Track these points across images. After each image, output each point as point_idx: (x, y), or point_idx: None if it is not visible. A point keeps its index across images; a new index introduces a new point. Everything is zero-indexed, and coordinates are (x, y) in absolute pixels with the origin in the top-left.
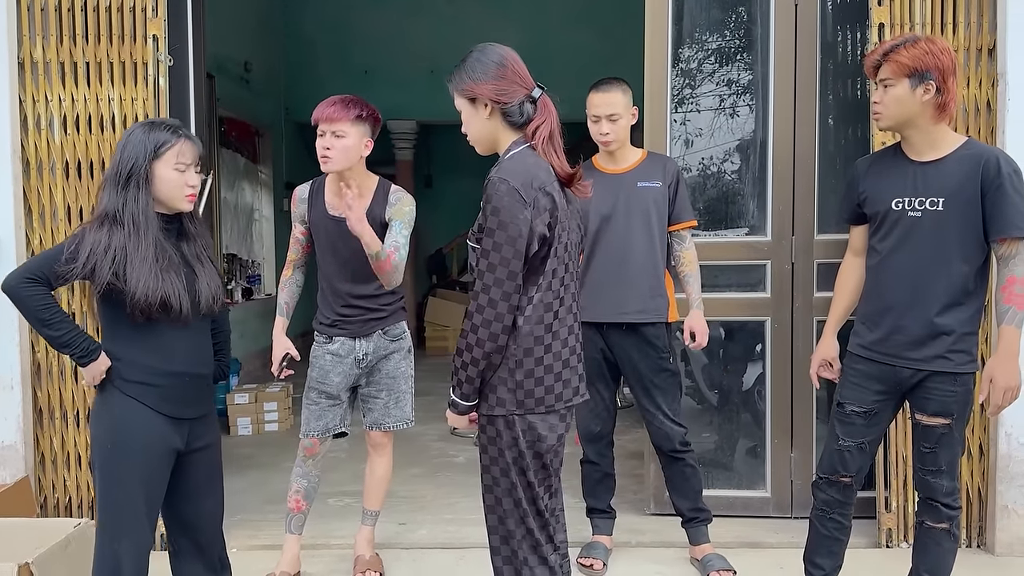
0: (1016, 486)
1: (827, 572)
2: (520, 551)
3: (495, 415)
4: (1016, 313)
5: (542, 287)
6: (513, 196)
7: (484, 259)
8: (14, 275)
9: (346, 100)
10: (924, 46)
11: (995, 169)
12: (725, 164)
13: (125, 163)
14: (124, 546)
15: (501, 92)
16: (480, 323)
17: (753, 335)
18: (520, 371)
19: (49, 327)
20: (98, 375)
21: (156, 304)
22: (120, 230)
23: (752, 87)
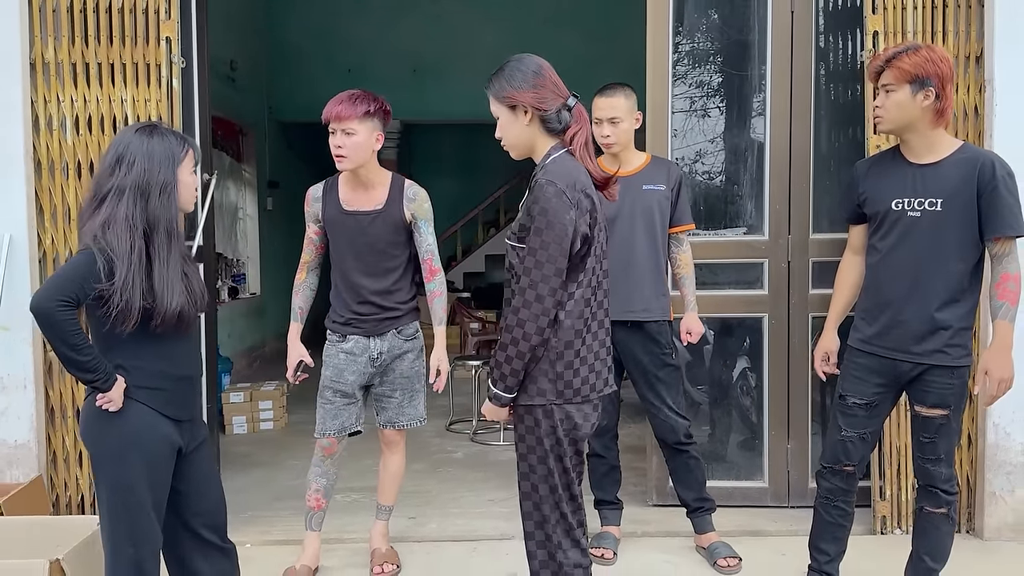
0: (1003, 474)
1: (831, 558)
2: (554, 535)
3: (534, 405)
4: (1009, 309)
5: (582, 284)
6: (560, 198)
7: (531, 256)
8: (46, 296)
9: (354, 97)
10: (925, 54)
11: (990, 172)
12: (724, 166)
13: (155, 172)
14: (144, 551)
15: (541, 100)
16: (528, 317)
17: (751, 331)
18: (560, 363)
19: (77, 352)
20: (120, 396)
21: (177, 315)
22: (145, 241)
23: (750, 90)
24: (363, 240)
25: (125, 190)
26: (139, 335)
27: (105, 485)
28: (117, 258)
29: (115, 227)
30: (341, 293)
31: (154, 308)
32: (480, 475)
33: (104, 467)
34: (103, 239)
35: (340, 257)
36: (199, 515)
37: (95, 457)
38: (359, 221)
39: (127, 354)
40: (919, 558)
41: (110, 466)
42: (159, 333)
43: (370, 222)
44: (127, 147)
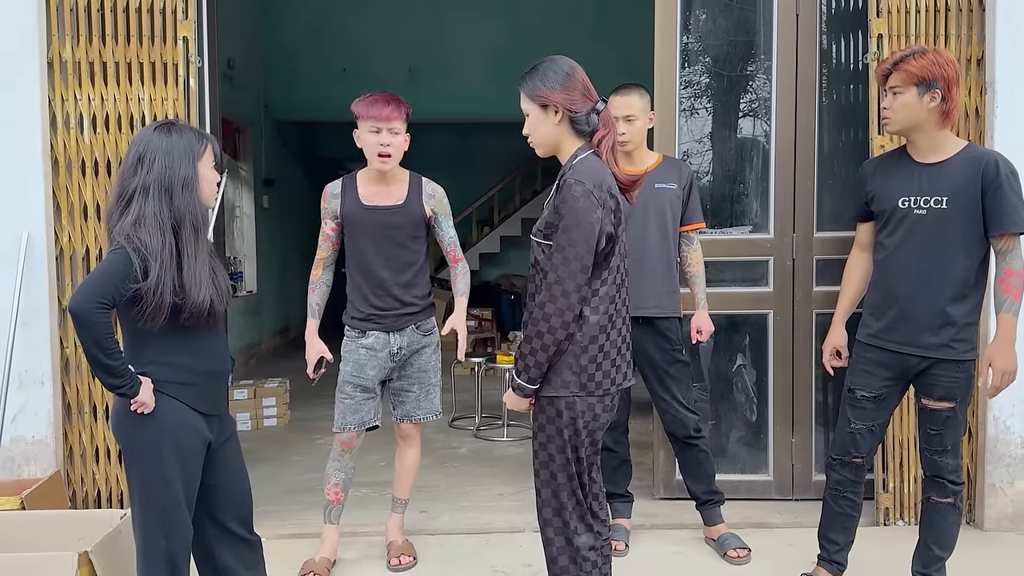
0: (1003, 466)
1: (841, 547)
2: (571, 521)
3: (558, 396)
4: (1013, 303)
5: (607, 281)
6: (588, 197)
7: (559, 253)
8: (85, 297)
9: (394, 98)
10: (932, 57)
11: (994, 170)
12: (730, 165)
13: (176, 168)
14: (176, 544)
15: (572, 101)
16: (554, 312)
17: (756, 327)
18: (585, 356)
19: (109, 356)
20: (151, 396)
21: (207, 308)
22: (174, 237)
23: (755, 92)
24: (384, 234)
25: (150, 188)
26: (170, 331)
27: (138, 479)
28: (151, 256)
29: (146, 225)
30: (361, 288)
31: (184, 303)
32: (486, 470)
33: (137, 462)
34: (136, 238)
35: (360, 252)
36: (227, 508)
37: (127, 452)
38: (380, 215)
39: (158, 350)
40: (926, 547)
41: (143, 461)
42: (189, 328)
43: (391, 216)
44: (147, 145)
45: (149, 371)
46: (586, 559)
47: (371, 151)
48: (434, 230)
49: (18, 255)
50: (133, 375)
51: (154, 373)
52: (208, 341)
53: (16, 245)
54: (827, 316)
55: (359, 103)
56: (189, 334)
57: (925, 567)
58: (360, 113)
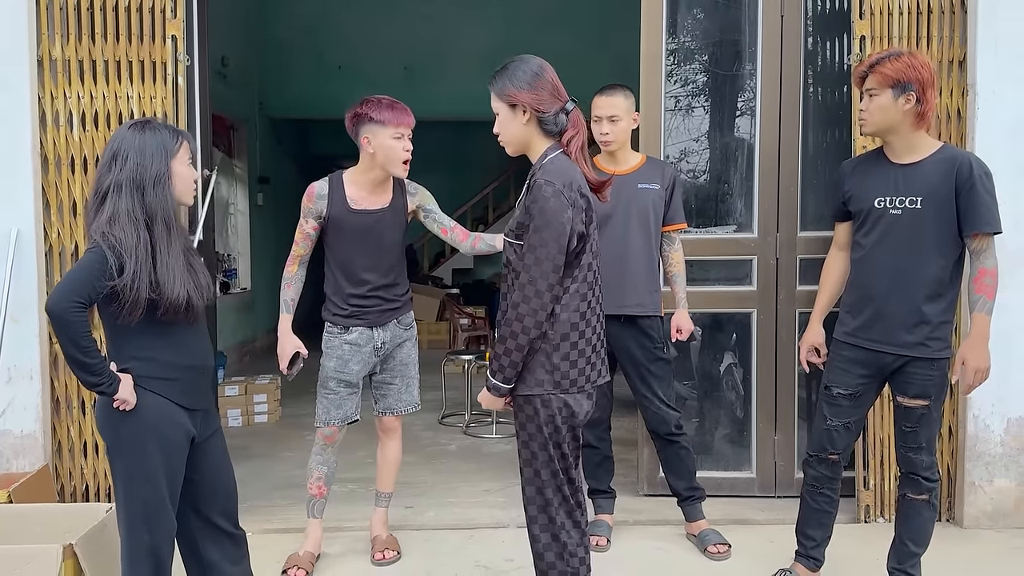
0: (982, 464)
1: (817, 543)
2: (557, 516)
3: (533, 395)
4: (986, 302)
5: (577, 279)
6: (558, 197)
7: (530, 253)
8: (62, 297)
9: (403, 105)
10: (907, 60)
11: (968, 171)
12: (715, 165)
13: (147, 165)
14: (159, 538)
15: (540, 101)
16: (526, 312)
17: (740, 326)
18: (557, 354)
19: (87, 354)
20: (132, 392)
21: (183, 304)
22: (148, 234)
23: (740, 93)
24: (371, 237)
25: (122, 185)
26: (150, 327)
27: (122, 474)
28: (126, 252)
29: (120, 222)
30: (343, 288)
31: (159, 298)
32: (474, 466)
33: (121, 456)
34: (111, 235)
35: (345, 253)
36: (211, 503)
37: (112, 447)
38: (367, 219)
39: (140, 346)
40: (902, 543)
41: (127, 455)
42: (169, 324)
43: (377, 219)
44: (121, 143)
45: (131, 367)
46: (573, 554)
47: (393, 156)
48: (427, 220)
49: (7, 251)
50: (111, 373)
51: (136, 369)
52: (189, 336)
53: (6, 241)
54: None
55: (379, 109)
56: (170, 330)
57: (900, 563)
58: (385, 119)
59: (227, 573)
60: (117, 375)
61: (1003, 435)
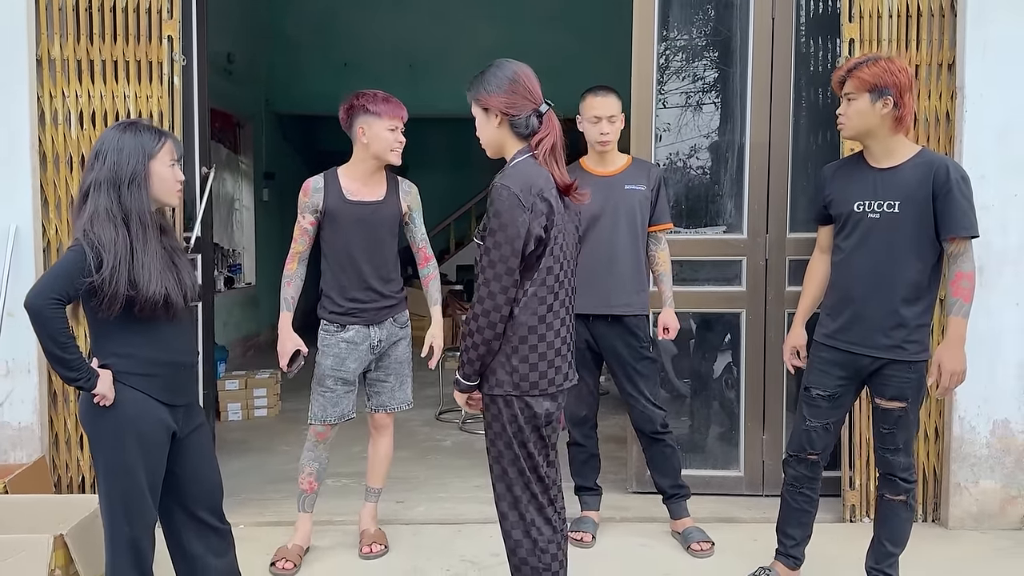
0: (968, 466)
1: (797, 542)
2: (527, 514)
3: (495, 395)
4: (963, 305)
5: (536, 282)
6: (513, 201)
7: (486, 256)
8: (39, 294)
9: (395, 98)
10: (884, 65)
11: (944, 175)
12: (704, 165)
13: (123, 165)
14: (138, 530)
15: (510, 105)
16: (481, 312)
17: (729, 326)
18: (516, 356)
19: (64, 350)
20: (110, 387)
21: (160, 301)
22: (126, 232)
23: (730, 93)
24: (366, 228)
25: (101, 184)
26: (131, 323)
27: (102, 467)
28: (104, 250)
29: (99, 220)
30: (341, 282)
31: (136, 295)
32: (467, 462)
33: (101, 450)
34: (92, 232)
35: (342, 246)
36: (196, 497)
37: (93, 440)
38: (363, 210)
39: (120, 342)
40: (879, 543)
41: (107, 449)
42: (149, 321)
43: (373, 211)
44: (103, 143)
45: (111, 363)
46: (544, 551)
47: (385, 146)
48: (407, 227)
49: (6, 247)
50: (89, 369)
51: (116, 365)
52: (170, 333)
53: (4, 237)
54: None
55: (375, 101)
56: (150, 326)
57: (878, 563)
58: (379, 111)
59: (211, 566)
60: (95, 371)
61: (989, 437)
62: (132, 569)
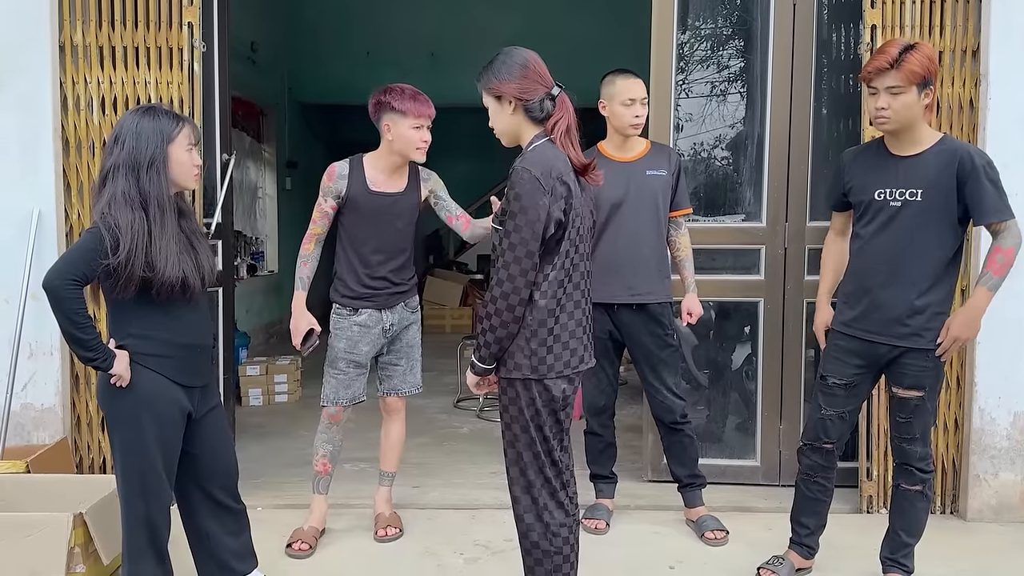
0: (987, 457)
1: (811, 531)
2: (540, 498)
3: (513, 378)
4: (991, 277)
5: (556, 266)
6: (534, 184)
7: (506, 239)
8: (56, 274)
9: (423, 95)
10: (925, 51)
11: (970, 164)
12: (724, 153)
13: (142, 149)
14: (153, 508)
15: (523, 91)
16: (500, 295)
17: (747, 315)
18: (535, 340)
19: (81, 330)
20: (127, 368)
21: (178, 284)
22: (143, 215)
23: (751, 81)
24: (386, 219)
25: (119, 167)
26: (148, 305)
27: (119, 446)
28: (121, 232)
29: (116, 203)
30: (355, 268)
31: (153, 277)
32: (484, 449)
33: (118, 429)
34: (110, 215)
35: (359, 234)
36: (212, 477)
37: (110, 420)
38: (384, 201)
39: (138, 324)
40: (895, 533)
41: (123, 429)
42: (167, 303)
43: (394, 203)
44: (121, 127)
45: (128, 344)
46: (556, 535)
47: (410, 144)
48: (437, 206)
49: (30, 231)
50: (106, 349)
51: (133, 346)
52: (188, 316)
53: (28, 221)
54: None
55: (402, 99)
56: (168, 309)
57: (893, 553)
58: (407, 109)
59: (226, 545)
60: (112, 351)
61: (1009, 428)
62: (148, 547)
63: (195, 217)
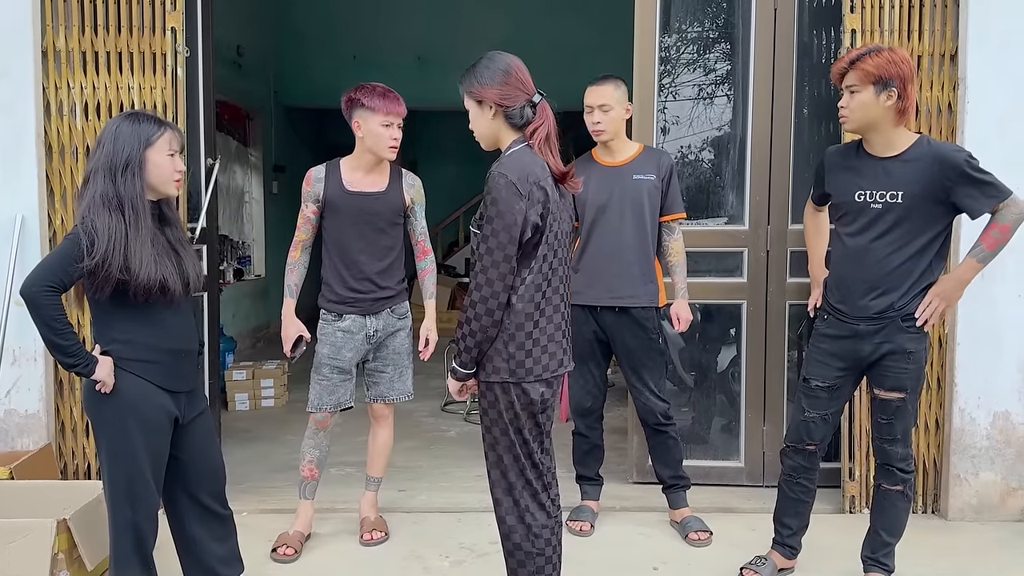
0: (968, 457)
1: (794, 531)
2: (521, 500)
3: (492, 382)
4: (983, 250)
5: (533, 270)
6: (510, 189)
7: (484, 244)
8: (33, 282)
9: (394, 93)
10: (887, 56)
11: (951, 163)
12: (707, 157)
13: (119, 152)
14: (140, 514)
15: (504, 96)
16: (478, 300)
17: (730, 317)
18: (512, 344)
19: (60, 336)
20: (110, 374)
21: (156, 287)
22: (120, 217)
23: (733, 86)
24: (365, 219)
25: (99, 170)
26: (130, 310)
27: (105, 452)
28: (98, 234)
29: (95, 205)
30: (340, 272)
31: (128, 279)
32: (470, 453)
33: (104, 435)
34: (89, 218)
35: (341, 236)
36: (198, 482)
37: (95, 426)
38: (363, 200)
39: (121, 329)
40: (876, 532)
41: (109, 434)
42: (149, 308)
43: (373, 202)
44: (104, 131)
45: (112, 349)
46: (538, 536)
47: (381, 143)
48: (408, 219)
49: (13, 236)
50: (87, 355)
51: (117, 352)
52: (171, 320)
53: (11, 227)
54: (800, 307)
55: (372, 96)
56: (150, 313)
57: (874, 552)
58: (375, 106)
59: (212, 550)
60: (94, 357)
61: (989, 428)
62: (133, 553)
63: (181, 225)
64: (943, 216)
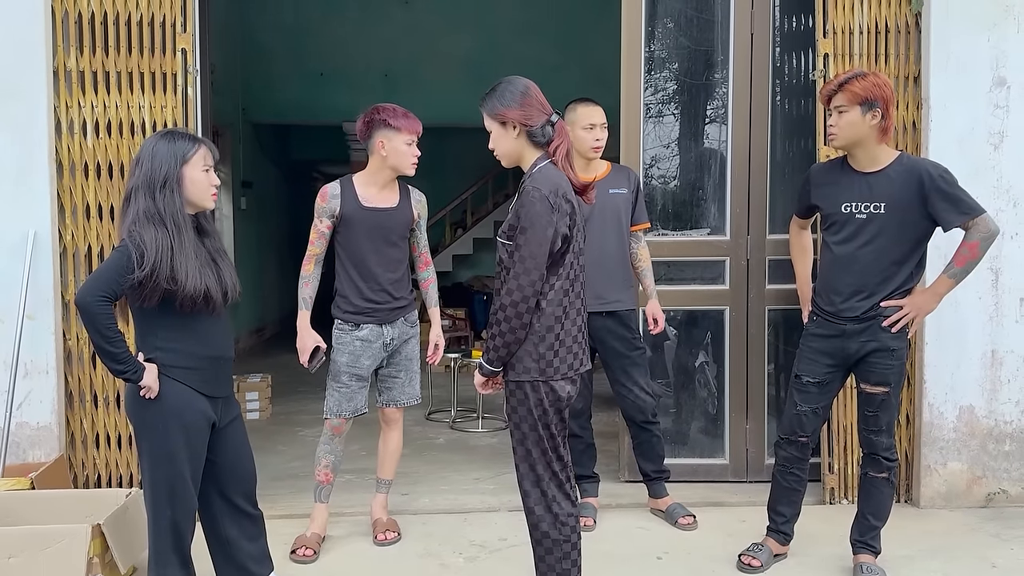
0: (937, 449)
1: (787, 519)
2: (549, 490)
3: (522, 381)
4: (952, 267)
5: (561, 276)
6: (544, 203)
7: (518, 252)
8: (87, 291)
9: (413, 114)
10: (872, 79)
11: (928, 178)
12: (690, 171)
13: (157, 170)
14: (180, 514)
15: (527, 117)
16: (509, 304)
17: (713, 322)
18: (543, 345)
19: (112, 344)
20: (155, 380)
21: (200, 296)
22: (164, 231)
23: (713, 104)
24: (381, 233)
25: (139, 188)
26: (173, 319)
27: (147, 455)
28: (146, 248)
29: (139, 221)
30: (356, 284)
31: (176, 291)
32: (463, 457)
33: (147, 438)
34: (136, 232)
35: (357, 250)
36: (233, 484)
37: (138, 430)
38: (378, 216)
39: (165, 338)
40: (863, 517)
41: (152, 438)
42: (191, 317)
43: (387, 217)
44: (142, 150)
45: (156, 357)
46: (565, 524)
47: (405, 160)
48: (412, 233)
49: (25, 252)
50: (136, 362)
51: (161, 359)
52: (211, 328)
53: (24, 242)
54: (779, 312)
55: (396, 116)
56: (192, 323)
57: (862, 535)
58: (400, 126)
59: (244, 549)
60: (142, 364)
61: (955, 422)
62: (173, 552)
63: (219, 236)
64: (923, 226)
